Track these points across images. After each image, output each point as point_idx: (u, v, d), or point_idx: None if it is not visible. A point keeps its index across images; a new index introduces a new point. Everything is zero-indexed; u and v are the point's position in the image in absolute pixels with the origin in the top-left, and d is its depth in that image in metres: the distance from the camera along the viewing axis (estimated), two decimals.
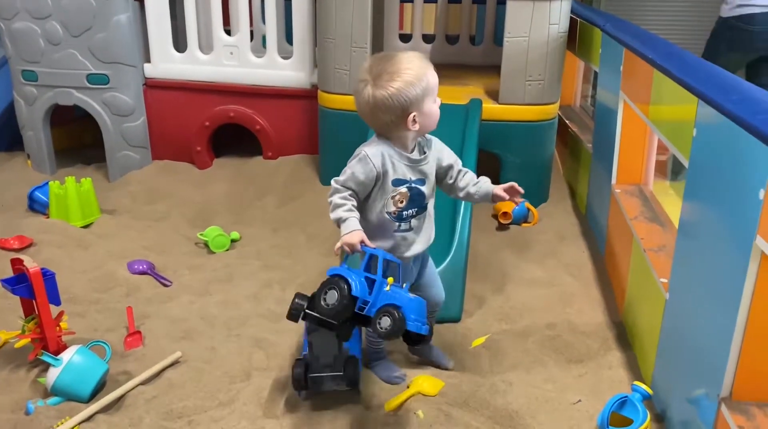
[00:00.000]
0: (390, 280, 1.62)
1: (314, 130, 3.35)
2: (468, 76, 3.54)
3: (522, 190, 1.83)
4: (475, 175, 1.88)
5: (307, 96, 3.37)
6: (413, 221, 1.79)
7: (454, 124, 2.84)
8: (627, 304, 2.26)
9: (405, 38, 4.15)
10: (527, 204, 3.05)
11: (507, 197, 1.83)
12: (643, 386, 1.76)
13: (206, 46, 3.55)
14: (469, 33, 4.11)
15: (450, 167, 1.86)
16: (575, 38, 3.45)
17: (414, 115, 1.69)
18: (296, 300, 1.75)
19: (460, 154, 2.68)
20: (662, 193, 2.67)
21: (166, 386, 1.97)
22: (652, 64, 2.09)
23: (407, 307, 1.59)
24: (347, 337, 1.78)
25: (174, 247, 2.84)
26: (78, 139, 3.90)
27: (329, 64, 3.09)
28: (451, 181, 1.87)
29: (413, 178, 1.75)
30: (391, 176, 1.72)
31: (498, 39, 3.77)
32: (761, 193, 1.24)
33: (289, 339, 2.21)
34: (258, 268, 2.66)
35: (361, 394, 1.92)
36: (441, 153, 1.85)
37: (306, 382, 1.84)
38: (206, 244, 2.82)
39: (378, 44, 3.90)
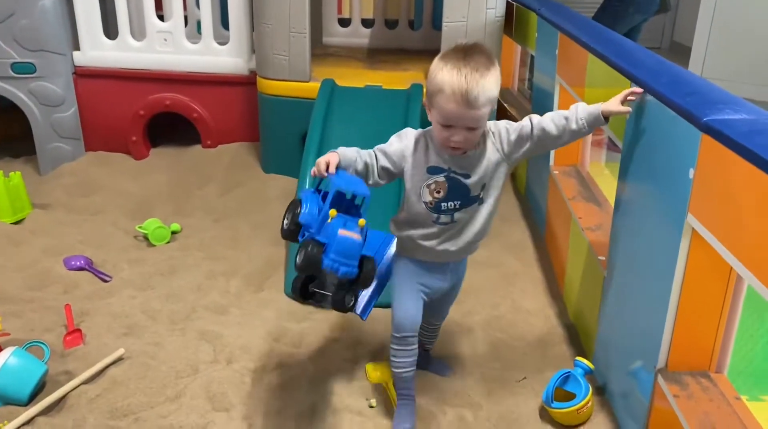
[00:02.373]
0: (332, 212, 1.46)
1: (254, 117, 3.30)
2: (408, 61, 3.55)
3: (640, 90, 1.59)
4: (555, 113, 1.60)
5: (246, 82, 3.31)
6: (456, 214, 1.60)
7: (396, 109, 2.85)
8: (567, 282, 2.33)
9: (344, 23, 4.12)
10: None
11: (628, 110, 1.59)
12: (585, 361, 1.82)
13: (138, 33, 3.44)
14: (408, 17, 4.12)
15: (521, 136, 1.59)
16: (512, 22, 3.50)
17: (426, 103, 1.55)
18: (296, 210, 1.57)
19: None
20: (598, 173, 2.76)
21: (109, 384, 1.92)
22: (586, 48, 2.15)
23: (331, 245, 1.43)
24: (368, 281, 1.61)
25: (112, 241, 2.75)
26: (5, 131, 3.72)
27: (267, 49, 3.04)
28: (536, 140, 1.58)
29: (454, 169, 1.56)
30: (425, 163, 1.57)
31: (437, 23, 3.78)
32: (691, 172, 1.30)
33: (236, 331, 2.18)
34: (201, 259, 2.61)
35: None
36: (501, 137, 1.60)
37: (308, 293, 1.67)
38: (146, 237, 2.75)
39: (316, 29, 3.87)
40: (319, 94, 2.85)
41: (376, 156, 1.60)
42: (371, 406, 1.85)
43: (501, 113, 3.64)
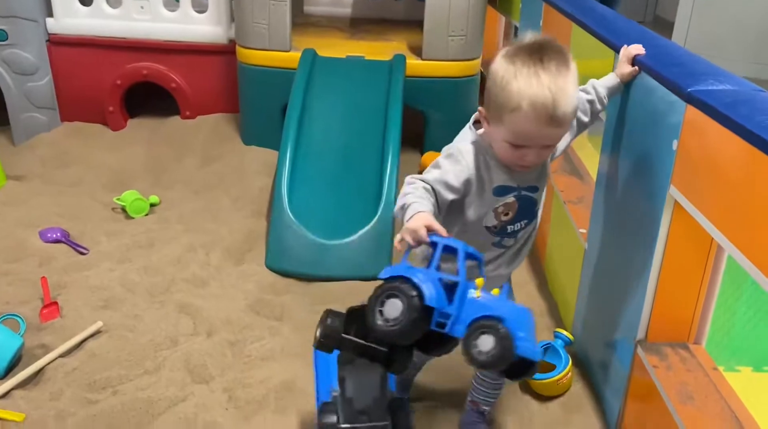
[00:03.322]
0: (479, 281, 1.14)
1: (234, 88, 3.24)
2: (391, 32, 3.49)
3: (642, 51, 1.49)
4: (593, 84, 1.47)
5: (225, 51, 3.24)
6: (520, 233, 1.40)
7: (378, 80, 2.81)
8: (548, 254, 2.33)
9: None
10: None
11: (636, 70, 1.49)
12: (565, 333, 1.83)
13: (114, 0, 3.34)
14: None
15: (585, 111, 1.44)
16: None
17: (483, 114, 1.27)
18: (328, 320, 1.29)
19: (384, 110, 2.67)
20: (581, 147, 2.75)
21: (87, 357, 1.90)
22: (570, 19, 2.12)
23: (511, 319, 1.10)
24: (402, 368, 1.30)
25: (89, 214, 2.70)
26: None
27: (247, 17, 2.97)
28: (575, 134, 1.44)
29: (522, 186, 1.33)
30: (490, 183, 1.30)
31: None
32: (674, 144, 1.29)
33: (216, 303, 2.16)
34: (180, 232, 2.58)
35: None
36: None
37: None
38: (124, 209, 2.70)
39: None
40: (299, 65, 2.80)
41: (434, 191, 1.26)
42: None
43: (485, 85, 3.61)
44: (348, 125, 2.67)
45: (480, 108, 1.28)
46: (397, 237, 1.17)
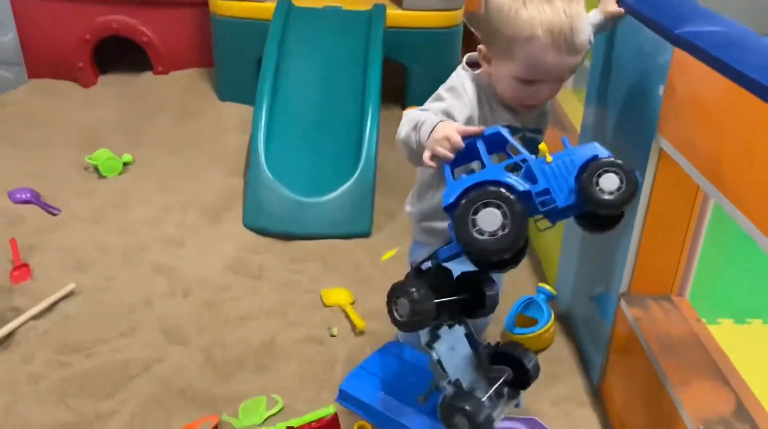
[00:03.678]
0: (542, 146, 1.04)
1: (208, 41, 3.12)
2: None
3: None
4: None
5: (198, 3, 3.11)
6: None
7: (357, 31, 2.71)
8: None
9: None
10: None
11: (621, 12, 1.39)
12: (548, 287, 1.81)
13: None
14: None
15: None
16: None
17: (485, 52, 1.18)
18: (414, 293, 1.06)
19: (363, 63, 2.58)
20: (565, 100, 2.69)
21: (60, 320, 1.85)
22: None
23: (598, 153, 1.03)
24: (490, 301, 1.15)
25: (60, 174, 2.62)
26: None
27: None
28: None
29: (527, 127, 1.24)
30: (494, 123, 1.17)
31: None
32: (661, 89, 1.24)
33: (193, 263, 2.11)
34: (154, 191, 2.51)
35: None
36: None
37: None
38: (96, 169, 2.62)
39: None
40: (274, 16, 2.69)
41: None
42: (332, 335, 1.82)
43: (467, 37, 3.52)
44: (326, 79, 2.58)
45: (480, 47, 1.18)
46: (426, 153, 1.04)
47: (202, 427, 1.52)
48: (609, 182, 0.99)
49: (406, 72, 3.02)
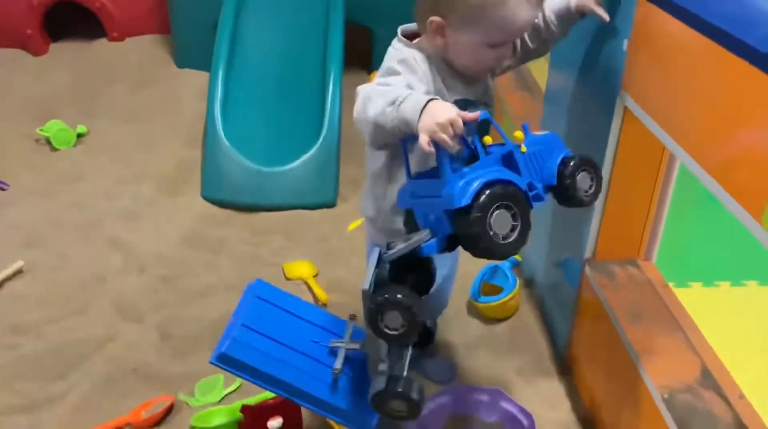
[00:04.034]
0: (518, 134, 1.04)
1: (164, 5, 2.99)
2: None
3: None
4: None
5: None
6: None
7: None
8: None
9: None
10: None
11: (604, 17, 1.19)
12: None
13: None
14: None
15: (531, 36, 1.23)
16: None
17: (439, 23, 1.09)
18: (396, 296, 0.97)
19: (325, 26, 2.48)
20: (534, 65, 2.63)
21: (8, 298, 1.79)
22: None
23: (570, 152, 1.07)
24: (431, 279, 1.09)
25: (10, 146, 2.50)
26: None
27: None
28: (519, 47, 1.23)
29: (480, 100, 1.16)
30: (449, 98, 1.10)
31: None
32: (625, 44, 1.18)
33: (149, 238, 2.04)
34: (110, 163, 2.41)
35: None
36: None
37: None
38: (48, 141, 2.51)
39: None
40: None
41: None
42: None
43: None
44: (286, 43, 2.49)
45: (433, 19, 1.08)
46: (423, 137, 0.92)
47: (157, 406, 1.46)
48: (583, 182, 1.05)
49: (372, 35, 2.92)
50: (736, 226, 0.90)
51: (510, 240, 0.93)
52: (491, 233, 0.91)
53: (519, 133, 1.03)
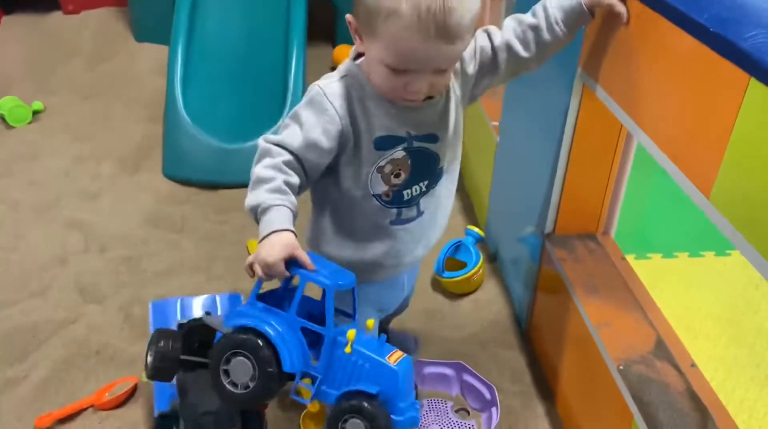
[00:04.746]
0: (350, 334, 0.90)
1: None
2: None
3: None
4: (516, 21, 1.05)
5: None
6: (423, 202, 1.05)
7: None
8: (465, 151, 2.24)
9: None
10: None
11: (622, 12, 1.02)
12: (476, 229, 1.78)
13: None
14: None
15: (482, 64, 1.04)
16: None
17: (354, 26, 0.94)
18: (161, 343, 1.03)
19: (286, 1, 2.43)
20: None
21: None
22: None
23: (388, 387, 0.89)
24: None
25: None
26: None
27: None
28: (503, 68, 1.05)
29: (413, 133, 0.99)
30: (370, 133, 0.96)
31: None
32: None
33: (110, 217, 2.01)
34: (67, 141, 2.35)
35: None
36: (456, 68, 1.02)
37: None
38: (2, 118, 2.45)
39: None
40: None
41: (300, 161, 0.95)
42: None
43: None
44: (247, 16, 2.43)
45: (348, 15, 0.94)
46: (249, 259, 0.89)
47: (120, 388, 1.45)
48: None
49: (335, 8, 2.89)
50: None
51: (243, 394, 0.90)
52: (224, 371, 0.90)
53: (351, 333, 0.90)
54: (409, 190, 1.02)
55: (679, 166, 0.92)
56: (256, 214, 0.92)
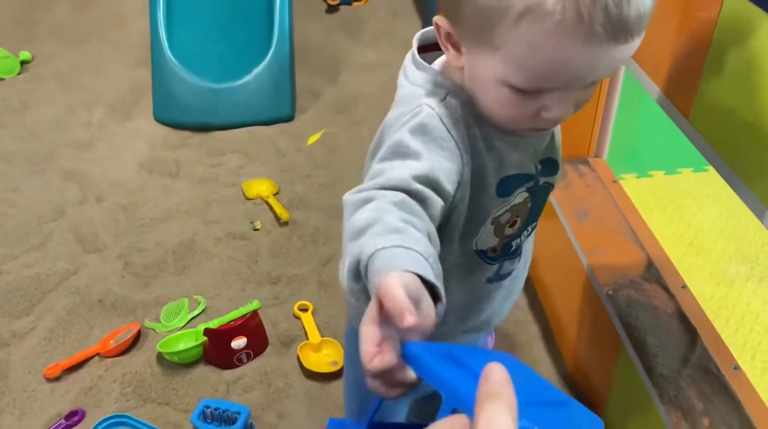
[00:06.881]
0: None
1: None
2: None
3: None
4: None
5: None
6: (525, 247, 0.83)
7: None
8: None
9: None
10: None
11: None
12: None
13: None
14: None
15: None
16: None
17: (447, 31, 0.64)
18: None
19: None
20: None
21: None
22: None
23: None
24: None
25: None
26: None
27: None
28: None
29: (540, 167, 0.74)
30: (496, 174, 0.69)
31: None
32: None
33: (104, 166, 2.00)
34: (57, 91, 2.32)
35: None
36: None
37: None
38: None
39: None
40: None
41: (424, 202, 0.59)
42: (255, 229, 1.76)
43: None
44: None
45: (437, 18, 0.65)
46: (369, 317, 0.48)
47: (124, 335, 1.48)
48: None
49: None
50: None
51: None
52: None
53: None
54: (518, 239, 0.77)
55: (662, 89, 0.88)
56: (357, 264, 0.53)
